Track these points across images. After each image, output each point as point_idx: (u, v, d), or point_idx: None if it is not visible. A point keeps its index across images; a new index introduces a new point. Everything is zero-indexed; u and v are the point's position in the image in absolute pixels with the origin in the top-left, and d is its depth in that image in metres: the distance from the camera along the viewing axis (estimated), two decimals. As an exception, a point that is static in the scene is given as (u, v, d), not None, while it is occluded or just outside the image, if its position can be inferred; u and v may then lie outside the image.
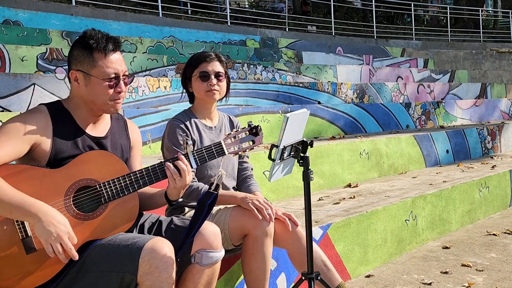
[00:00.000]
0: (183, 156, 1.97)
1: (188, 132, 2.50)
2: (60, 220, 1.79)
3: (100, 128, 2.09)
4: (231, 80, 6.91)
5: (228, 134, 2.06)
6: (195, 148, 2.48)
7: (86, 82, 1.98)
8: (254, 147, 2.10)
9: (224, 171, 2.06)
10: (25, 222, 1.82)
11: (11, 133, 1.87)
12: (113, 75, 1.98)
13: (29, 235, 1.82)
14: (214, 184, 2.03)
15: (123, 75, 2.02)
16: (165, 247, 1.85)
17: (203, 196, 2.03)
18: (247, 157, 2.77)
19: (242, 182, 2.70)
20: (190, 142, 2.00)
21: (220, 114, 2.72)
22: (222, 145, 2.02)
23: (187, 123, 2.53)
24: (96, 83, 1.97)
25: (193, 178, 2.48)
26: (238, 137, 2.06)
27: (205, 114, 2.62)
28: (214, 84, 2.52)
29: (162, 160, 2.00)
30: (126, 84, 2.03)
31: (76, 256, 1.80)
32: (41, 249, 1.83)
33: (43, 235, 1.77)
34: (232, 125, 2.73)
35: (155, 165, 1.98)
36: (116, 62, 1.99)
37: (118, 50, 2.02)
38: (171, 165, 1.95)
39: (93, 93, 1.98)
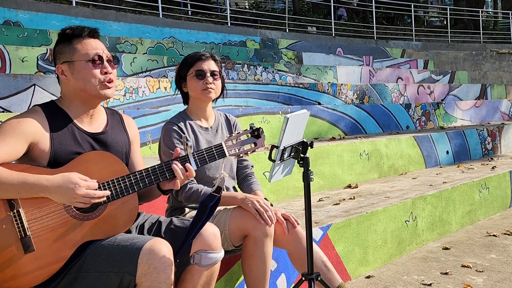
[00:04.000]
0: (177, 162, 1.97)
1: (183, 135, 2.49)
2: (67, 181, 1.82)
3: (97, 124, 2.09)
4: (232, 81, 6.86)
5: (230, 136, 2.04)
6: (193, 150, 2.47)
7: (71, 70, 1.99)
8: (256, 150, 2.08)
9: (226, 173, 2.05)
10: (24, 221, 1.82)
11: (7, 133, 1.88)
12: (94, 56, 1.99)
13: (28, 234, 1.82)
14: (216, 187, 2.02)
15: (107, 59, 2.03)
16: (164, 248, 1.85)
17: (205, 199, 2.02)
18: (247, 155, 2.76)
19: (243, 181, 2.69)
20: (190, 143, 1.99)
21: (216, 114, 2.69)
22: (223, 147, 2.01)
23: (182, 125, 2.51)
24: (80, 67, 1.98)
25: (192, 180, 2.48)
26: (240, 139, 2.05)
27: (200, 115, 2.61)
28: (210, 83, 2.52)
29: (162, 162, 2.00)
30: (112, 67, 2.05)
31: (106, 193, 1.87)
32: (39, 248, 1.83)
33: (65, 202, 1.83)
34: (229, 123, 2.71)
35: (155, 166, 1.97)
36: (96, 45, 2.02)
37: (97, 38, 2.06)
38: (180, 166, 1.95)
39: (81, 79, 1.99)
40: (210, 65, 2.55)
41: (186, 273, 2.09)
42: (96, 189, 1.86)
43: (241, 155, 2.05)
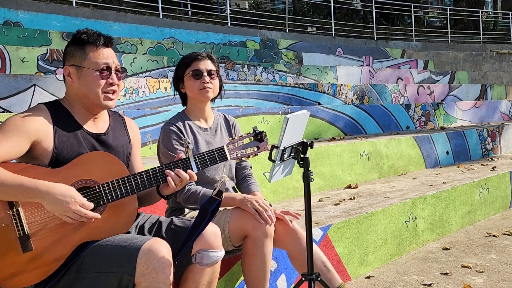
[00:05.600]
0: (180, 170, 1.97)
1: (182, 136, 2.49)
2: (64, 193, 1.81)
3: (100, 125, 2.10)
4: (232, 81, 6.86)
5: (232, 139, 2.04)
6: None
7: (78, 75, 2.00)
8: (258, 154, 2.08)
9: (227, 176, 2.04)
10: (23, 220, 1.83)
11: (10, 131, 1.87)
12: (103, 66, 2.00)
13: (27, 233, 1.83)
14: (217, 190, 2.02)
15: (115, 70, 2.04)
16: (162, 248, 1.85)
17: (206, 202, 2.02)
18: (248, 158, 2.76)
19: (242, 181, 2.70)
20: (191, 146, 1.99)
21: (215, 114, 2.70)
22: (224, 150, 2.01)
23: (181, 126, 2.52)
24: (87, 75, 1.99)
25: (191, 181, 2.47)
26: (242, 142, 2.04)
27: (199, 115, 2.61)
28: (207, 82, 2.52)
29: (163, 164, 2.00)
30: (119, 79, 2.05)
31: (96, 216, 1.85)
32: (38, 247, 1.83)
33: (55, 211, 1.81)
34: (228, 124, 2.71)
35: (155, 168, 1.97)
36: (108, 55, 2.03)
37: (110, 47, 2.06)
38: (172, 173, 1.95)
39: (86, 85, 1.99)
40: (206, 65, 2.55)
41: (188, 272, 2.10)
42: (90, 209, 1.84)
43: (243, 158, 2.05)
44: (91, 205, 1.86)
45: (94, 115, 2.08)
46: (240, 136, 2.05)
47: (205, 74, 2.53)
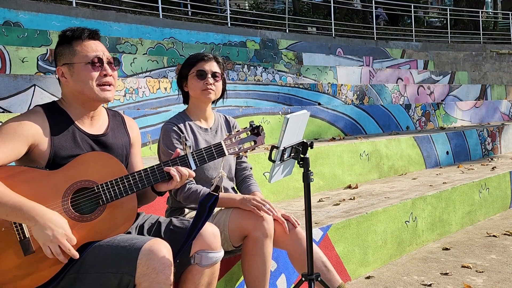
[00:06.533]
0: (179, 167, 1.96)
1: (182, 134, 2.49)
2: (57, 222, 1.79)
3: (98, 125, 2.09)
4: (232, 82, 6.86)
5: (229, 135, 2.03)
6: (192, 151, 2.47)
7: (71, 72, 1.99)
8: (256, 148, 2.08)
9: (224, 172, 2.05)
10: (23, 224, 1.82)
11: (7, 134, 1.87)
12: (94, 57, 1.98)
13: (27, 236, 1.82)
14: (214, 186, 2.02)
15: (107, 61, 2.02)
16: (163, 248, 1.84)
17: (204, 198, 2.02)
18: (246, 156, 2.76)
19: (242, 182, 2.70)
20: (189, 143, 1.99)
21: (216, 115, 2.71)
22: (222, 146, 2.01)
23: (181, 126, 2.52)
24: (80, 70, 1.97)
25: (191, 180, 2.48)
26: (239, 137, 2.04)
27: (200, 116, 2.62)
28: (211, 84, 2.53)
29: (161, 162, 1.99)
30: (113, 70, 2.03)
31: (76, 255, 1.81)
32: (39, 250, 1.82)
33: (40, 238, 1.78)
34: (228, 125, 2.71)
35: (153, 166, 1.96)
36: (96, 47, 2.01)
37: (97, 40, 2.05)
38: (173, 169, 1.95)
39: (80, 81, 1.97)
40: (212, 66, 2.56)
41: (187, 273, 2.09)
42: (70, 249, 1.80)
43: (240, 154, 2.05)
44: (75, 241, 1.83)
45: (92, 112, 2.06)
46: (237, 131, 2.05)
47: (209, 75, 2.54)
